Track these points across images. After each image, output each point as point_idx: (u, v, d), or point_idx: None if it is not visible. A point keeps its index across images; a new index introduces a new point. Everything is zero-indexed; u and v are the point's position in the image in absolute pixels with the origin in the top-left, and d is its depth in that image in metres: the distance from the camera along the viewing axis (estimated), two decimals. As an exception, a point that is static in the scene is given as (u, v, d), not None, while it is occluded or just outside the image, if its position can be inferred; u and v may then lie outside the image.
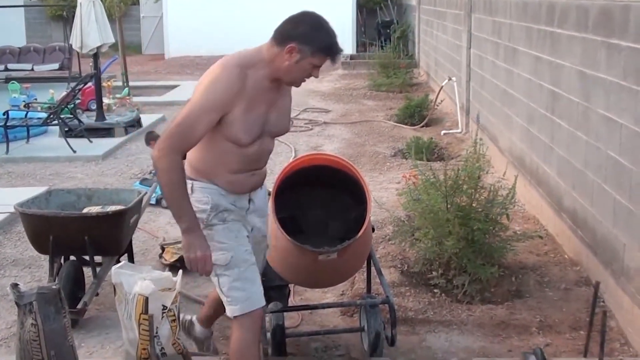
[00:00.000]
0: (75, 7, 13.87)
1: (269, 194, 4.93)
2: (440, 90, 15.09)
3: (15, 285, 4.54)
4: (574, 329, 6.03)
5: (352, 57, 26.17)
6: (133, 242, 7.07)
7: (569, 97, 7.43)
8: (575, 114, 7.24)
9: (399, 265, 7.18)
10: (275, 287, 5.62)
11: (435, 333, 5.93)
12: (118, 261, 6.25)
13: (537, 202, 8.69)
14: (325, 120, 15.46)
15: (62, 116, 13.00)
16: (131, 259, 6.90)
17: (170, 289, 4.71)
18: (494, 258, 6.72)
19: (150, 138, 11.50)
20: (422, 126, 14.53)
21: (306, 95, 18.51)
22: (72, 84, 14.53)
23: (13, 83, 16.30)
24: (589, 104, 6.85)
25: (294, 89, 4.46)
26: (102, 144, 12.84)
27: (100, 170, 11.50)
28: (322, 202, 5.51)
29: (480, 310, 6.39)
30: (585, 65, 6.96)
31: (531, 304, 6.48)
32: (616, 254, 6.15)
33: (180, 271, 4.99)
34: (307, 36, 4.16)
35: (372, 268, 5.84)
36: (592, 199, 6.76)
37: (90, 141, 12.87)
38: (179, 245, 7.47)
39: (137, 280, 4.68)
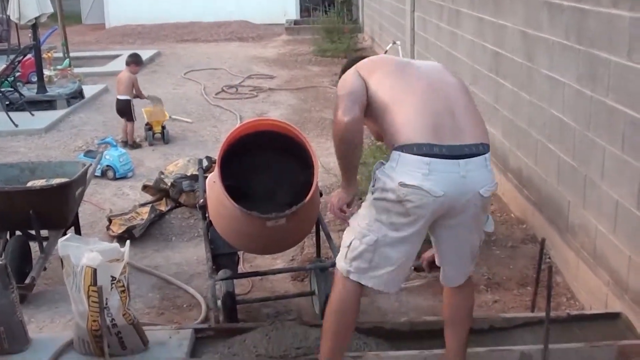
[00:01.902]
0: (11, -23, 13.61)
1: (215, 163, 4.91)
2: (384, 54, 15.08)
3: (-40, 262, 4.51)
4: (521, 285, 6.11)
5: (296, 22, 26.08)
6: (79, 215, 7.02)
7: (512, 58, 7.47)
8: (518, 74, 7.28)
9: (347, 229, 7.20)
10: (224, 255, 5.62)
11: (385, 294, 5.94)
12: (64, 234, 6.21)
13: (482, 163, 8.73)
14: (270, 87, 15.41)
15: (2, 89, 12.78)
16: (78, 232, 6.86)
17: (118, 259, 4.67)
18: (442, 219, 6.76)
19: (128, 62, 11.32)
20: (367, 90, 14.53)
21: (250, 62, 18.44)
22: (12, 57, 14.30)
23: (-49, 57, 16.04)
24: (532, 64, 6.89)
25: (237, 54, 4.45)
26: (45, 117, 12.66)
27: (44, 144, 11.36)
28: (268, 168, 5.50)
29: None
30: (528, 25, 7.00)
31: (479, 263, 6.52)
32: (561, 211, 6.23)
33: (128, 242, 4.96)
34: None
35: (321, 232, 5.86)
36: (536, 158, 6.83)
37: (32, 114, 12.68)
38: (126, 217, 7.45)
39: (84, 252, 4.63)
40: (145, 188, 8.38)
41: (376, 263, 4.16)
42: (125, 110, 11.03)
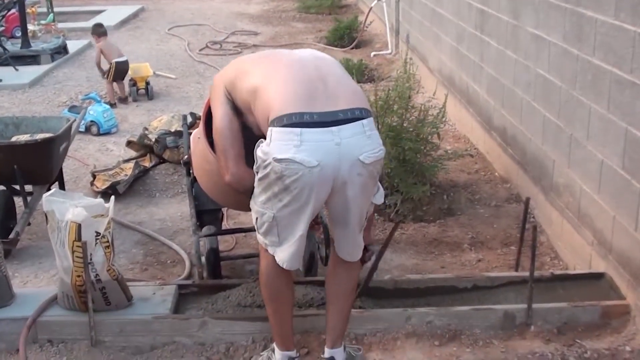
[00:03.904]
0: None
1: (199, 119, 4.88)
2: (369, 12, 15.02)
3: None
4: (505, 245, 6.13)
5: (280, -22, 25.85)
6: (63, 170, 7.00)
7: (497, 16, 7.45)
8: (504, 32, 7.26)
9: (332, 187, 7.20)
10: (208, 211, 5.62)
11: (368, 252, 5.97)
12: (49, 190, 6.18)
13: (467, 121, 8.75)
14: (255, 43, 15.32)
15: (-15, 44, 12.71)
16: (62, 187, 6.83)
17: (102, 215, 4.67)
18: (426, 177, 6.78)
19: (97, 32, 11.21)
20: (352, 48, 14.50)
21: (234, 18, 18.31)
22: (-5, 11, 14.20)
23: None
24: (517, 22, 6.87)
25: (221, 10, 4.41)
26: (29, 72, 12.56)
27: (28, 99, 11.28)
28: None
29: (413, 228, 6.46)
30: (513, -17, 6.98)
31: (463, 221, 6.57)
32: (545, 171, 6.24)
33: (113, 197, 4.94)
34: None
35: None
36: (521, 117, 6.83)
37: (16, 69, 12.60)
38: (110, 172, 7.43)
39: (68, 207, 4.62)
40: (129, 144, 8.36)
41: (284, 236, 4.14)
42: (127, 68, 11.03)
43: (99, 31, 11.19)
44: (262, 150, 3.96)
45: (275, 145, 3.89)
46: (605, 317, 4.84)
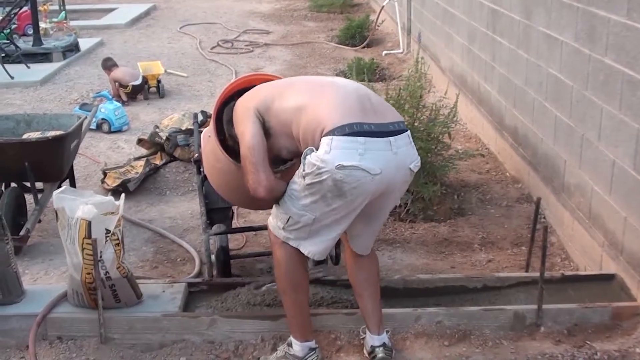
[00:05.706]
0: None
1: (210, 117, 4.87)
2: (381, 11, 15.00)
3: (-45, 213, 4.49)
4: (515, 245, 6.12)
5: (292, -23, 25.84)
6: (74, 167, 7.01)
7: (509, 15, 7.43)
8: (516, 31, 7.25)
9: (342, 186, 7.18)
10: (218, 209, 5.61)
11: (379, 251, 5.96)
12: (59, 187, 6.19)
13: (478, 121, 8.73)
14: (266, 42, 15.32)
15: (-2, 41, 12.72)
16: (73, 185, 6.84)
17: (113, 212, 4.67)
18: (437, 177, 6.76)
19: (107, 66, 11.22)
20: (364, 47, 14.49)
21: (246, 17, 18.32)
22: (7, 9, 14.19)
23: (-54, 8, 15.86)
24: (529, 22, 6.86)
25: (233, 9, 4.41)
26: (40, 69, 12.58)
27: (39, 96, 11.30)
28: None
29: (423, 228, 6.45)
30: (525, -18, 6.96)
31: (473, 221, 6.55)
32: (557, 171, 6.22)
33: (123, 195, 4.95)
34: None
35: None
36: (533, 117, 6.81)
37: (28, 67, 12.61)
38: (121, 170, 7.43)
39: (79, 204, 4.63)
40: (140, 142, 8.36)
41: (318, 233, 4.26)
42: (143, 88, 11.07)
43: (108, 64, 11.15)
44: (318, 157, 4.02)
45: (338, 153, 3.99)
46: (616, 318, 4.82)
